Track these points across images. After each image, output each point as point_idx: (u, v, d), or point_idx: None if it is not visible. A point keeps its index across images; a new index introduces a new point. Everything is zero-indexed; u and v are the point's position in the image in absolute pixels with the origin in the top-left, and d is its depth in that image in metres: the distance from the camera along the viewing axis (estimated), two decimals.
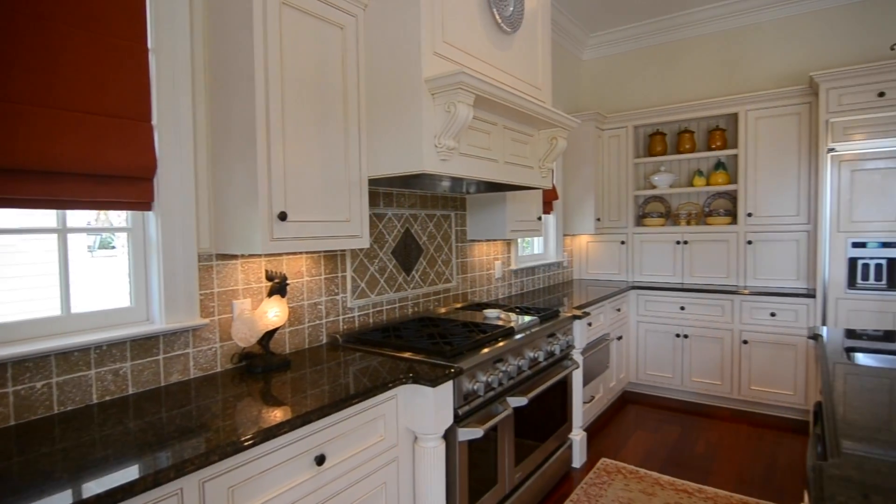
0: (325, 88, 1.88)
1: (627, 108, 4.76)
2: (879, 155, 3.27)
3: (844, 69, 3.34)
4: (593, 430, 3.57)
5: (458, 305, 3.08)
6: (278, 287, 1.90)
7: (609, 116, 4.53)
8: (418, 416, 1.78)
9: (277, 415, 1.40)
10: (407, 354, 1.99)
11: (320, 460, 1.49)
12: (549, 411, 2.69)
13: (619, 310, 4.03)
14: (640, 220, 4.59)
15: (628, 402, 4.16)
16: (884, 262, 3.26)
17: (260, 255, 2.00)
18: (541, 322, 2.63)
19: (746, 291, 3.80)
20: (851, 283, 3.35)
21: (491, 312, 2.68)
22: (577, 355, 2.99)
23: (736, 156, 4.07)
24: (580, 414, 3.08)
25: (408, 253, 2.74)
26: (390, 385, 1.70)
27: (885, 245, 3.26)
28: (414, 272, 2.79)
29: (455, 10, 2.07)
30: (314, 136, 1.84)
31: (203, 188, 1.81)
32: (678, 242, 4.33)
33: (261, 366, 1.83)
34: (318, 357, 2.02)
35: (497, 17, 2.31)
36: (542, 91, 2.75)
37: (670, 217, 4.53)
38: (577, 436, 3.04)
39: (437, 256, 2.96)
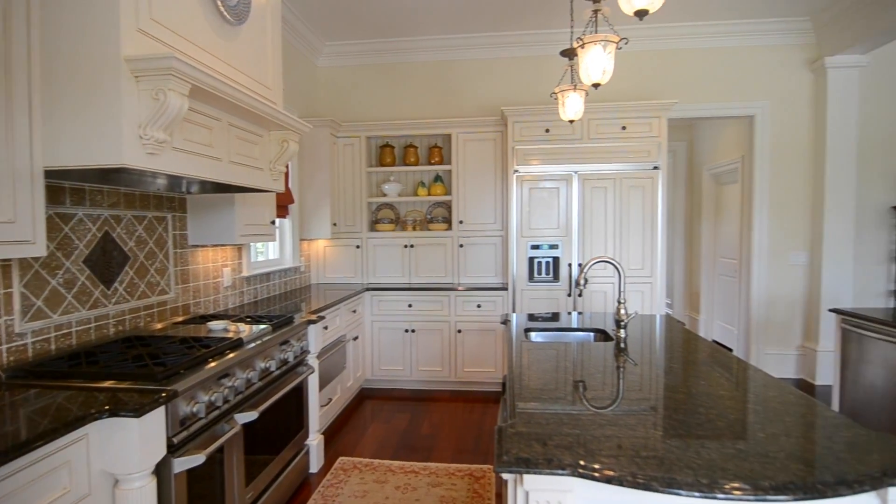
0: None
1: (361, 118, 5.00)
2: (548, 177, 4.22)
3: (523, 107, 4.20)
4: (332, 432, 3.62)
5: (179, 320, 2.73)
6: None
7: (344, 125, 4.68)
8: (120, 454, 1.51)
9: None
10: (107, 384, 1.67)
11: None
12: (284, 421, 2.62)
13: (354, 311, 4.19)
14: (374, 225, 4.87)
15: (365, 398, 4.36)
16: (551, 260, 4.22)
17: None
18: (273, 330, 2.54)
19: (461, 288, 4.41)
20: (531, 277, 4.24)
21: (217, 324, 2.46)
22: (312, 360, 2.99)
23: (450, 171, 4.68)
24: (317, 418, 3.09)
25: (108, 262, 2.30)
26: (77, 424, 1.40)
27: (552, 247, 4.22)
28: (117, 284, 2.36)
29: None
30: None
31: None
32: (406, 246, 4.75)
33: None
34: None
35: (220, 4, 2.14)
36: (273, 91, 2.67)
37: (399, 223, 4.93)
38: (315, 440, 3.04)
39: (148, 265, 2.57)
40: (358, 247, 4.79)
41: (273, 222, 3.27)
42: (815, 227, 4.58)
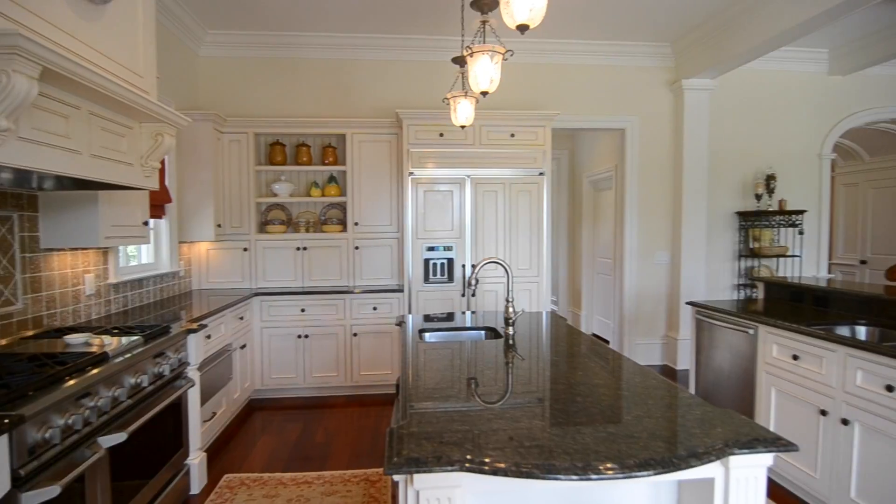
0: None
1: (249, 114, 4.73)
2: (443, 180, 4.30)
3: (418, 111, 4.25)
4: (217, 448, 3.38)
5: (28, 334, 2.39)
6: None
7: (230, 120, 4.39)
8: None
9: None
10: None
11: None
12: (160, 440, 2.39)
13: (242, 318, 3.96)
14: (263, 226, 4.63)
15: (255, 409, 4.13)
16: (446, 261, 4.31)
17: None
18: (145, 342, 2.31)
19: (357, 290, 4.34)
20: (427, 278, 4.30)
21: (76, 338, 2.19)
22: (192, 372, 2.77)
23: (345, 172, 4.60)
24: (199, 434, 2.87)
25: None
26: None
27: (447, 248, 4.31)
28: None
29: None
30: None
31: None
32: (299, 248, 4.58)
33: None
34: None
35: None
36: (145, 80, 2.44)
37: (291, 224, 4.74)
38: (196, 459, 2.82)
39: None
40: (246, 249, 4.53)
41: (146, 223, 2.98)
42: (675, 229, 5.17)
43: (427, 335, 2.61)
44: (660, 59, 5.10)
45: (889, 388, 2.15)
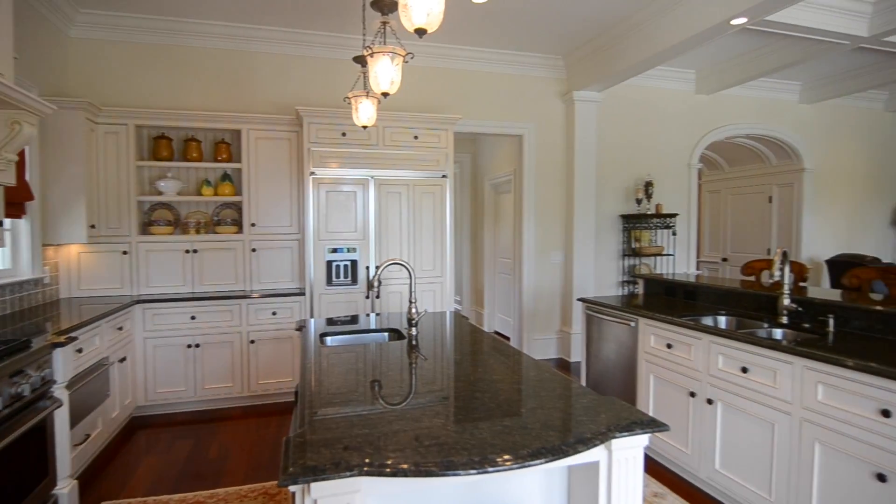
0: None
1: (129, 104, 4.31)
2: (346, 181, 4.23)
3: (319, 109, 4.14)
4: (92, 474, 3.04)
5: None
6: None
7: (105, 110, 3.97)
8: None
9: None
10: None
11: None
12: (20, 470, 2.11)
13: (121, 328, 3.60)
14: (146, 227, 4.25)
15: (138, 427, 3.77)
16: (349, 263, 4.24)
17: None
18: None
19: (255, 295, 4.13)
20: (329, 281, 4.20)
21: None
22: (60, 391, 2.47)
23: (240, 169, 4.35)
24: (68, 460, 2.56)
25: None
26: None
27: (350, 250, 4.24)
28: None
29: None
30: None
31: None
32: (188, 251, 4.26)
33: None
34: None
35: None
36: None
37: (179, 225, 4.39)
38: (66, 488, 2.52)
39: None
40: (126, 252, 4.12)
41: (1, 223, 2.61)
42: (567, 231, 5.52)
43: (329, 339, 2.55)
44: (554, 70, 5.42)
45: (744, 370, 2.46)
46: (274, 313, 4.18)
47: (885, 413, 1.86)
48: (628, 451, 1.34)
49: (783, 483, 2.27)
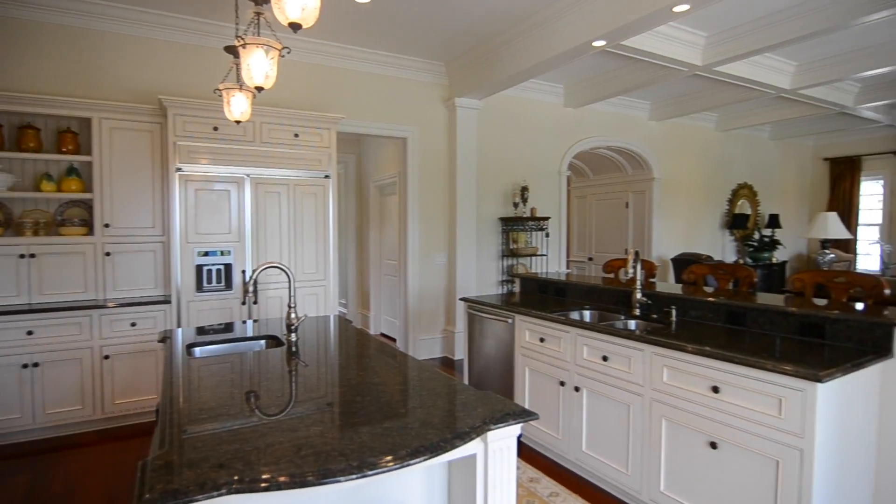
0: None
1: None
2: (218, 179, 3.94)
3: (187, 100, 3.81)
4: None
5: None
6: None
7: None
8: None
9: None
10: None
11: None
12: None
13: None
14: None
15: None
16: (223, 267, 3.95)
17: None
18: None
19: (110, 304, 3.68)
20: (199, 286, 3.88)
21: None
22: None
23: (91, 163, 3.86)
24: None
25: None
26: None
27: (224, 253, 3.96)
28: None
29: None
30: None
31: None
32: (23, 256, 3.68)
33: None
34: None
35: None
36: None
37: (12, 226, 3.77)
38: None
39: None
40: None
41: None
42: (450, 232, 5.68)
43: (198, 350, 2.36)
44: (436, 76, 5.54)
45: (604, 359, 2.72)
46: (133, 324, 3.76)
47: (715, 389, 2.17)
48: (503, 441, 1.42)
49: (637, 458, 2.55)
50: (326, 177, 4.37)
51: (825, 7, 3.86)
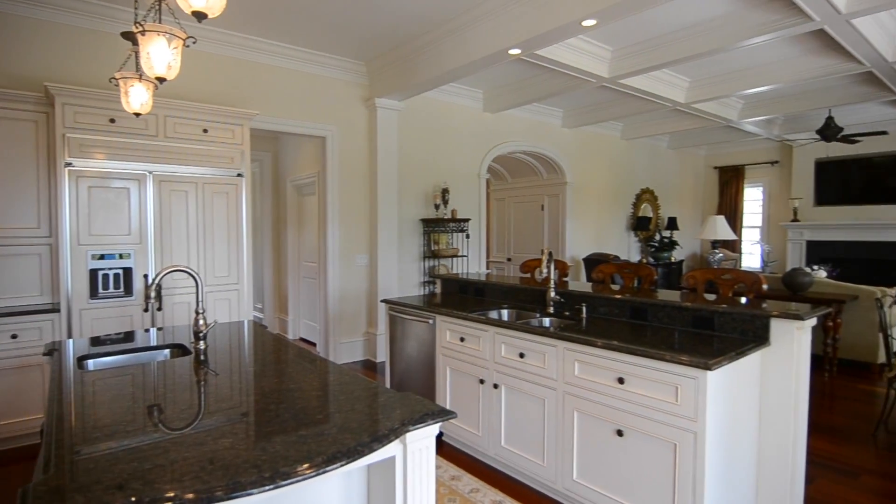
0: None
1: None
2: (116, 176, 3.62)
3: (79, 88, 3.47)
4: None
5: None
6: None
7: None
8: None
9: None
10: None
11: None
12: None
13: None
14: None
15: None
16: (121, 271, 3.64)
17: None
18: None
19: None
20: (94, 293, 3.54)
21: None
22: None
23: None
24: None
25: None
26: None
27: (122, 256, 3.65)
28: None
29: None
30: None
31: None
32: None
33: None
34: None
35: None
36: None
37: None
38: None
39: None
40: None
41: None
42: (371, 233, 5.62)
43: (91, 362, 2.16)
44: (356, 75, 5.46)
45: (521, 355, 2.82)
46: (15, 336, 3.36)
47: (621, 380, 2.32)
48: (422, 441, 1.42)
49: (552, 449, 2.67)
50: (239, 175, 4.16)
51: (713, 30, 4.26)
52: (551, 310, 3.27)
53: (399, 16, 4.27)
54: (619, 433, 2.34)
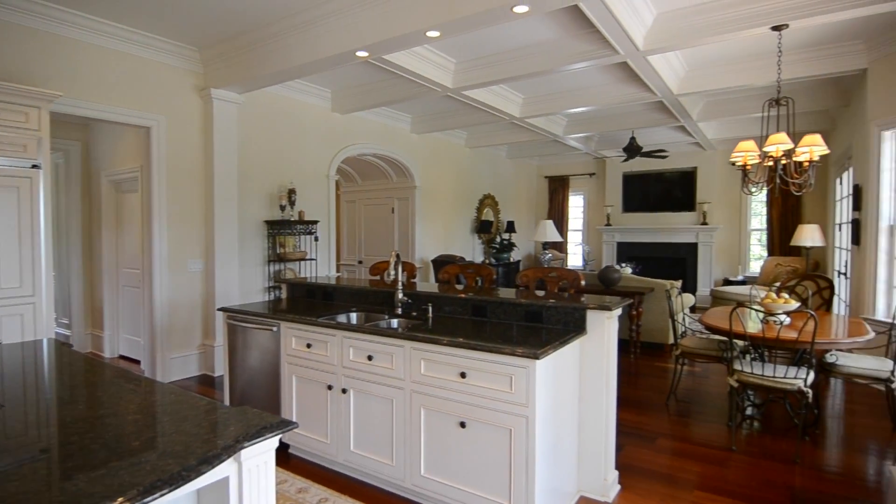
0: None
1: None
2: None
3: None
4: None
5: None
6: None
7: None
8: None
9: None
10: None
11: None
12: None
13: None
14: None
15: None
16: None
17: None
18: None
19: None
20: None
21: None
22: None
23: None
24: None
25: None
26: None
27: None
28: None
29: None
30: None
31: None
32: None
33: None
34: None
35: None
36: None
37: None
38: None
39: None
40: None
41: None
42: (207, 236, 5.15)
43: None
44: (189, 62, 4.96)
45: (370, 358, 2.82)
46: None
47: (463, 375, 2.46)
48: (259, 457, 1.35)
49: (401, 448, 2.72)
50: (35, 167, 3.51)
51: (542, 53, 4.73)
52: (399, 311, 3.33)
53: (236, 2, 3.99)
54: (462, 425, 2.48)
